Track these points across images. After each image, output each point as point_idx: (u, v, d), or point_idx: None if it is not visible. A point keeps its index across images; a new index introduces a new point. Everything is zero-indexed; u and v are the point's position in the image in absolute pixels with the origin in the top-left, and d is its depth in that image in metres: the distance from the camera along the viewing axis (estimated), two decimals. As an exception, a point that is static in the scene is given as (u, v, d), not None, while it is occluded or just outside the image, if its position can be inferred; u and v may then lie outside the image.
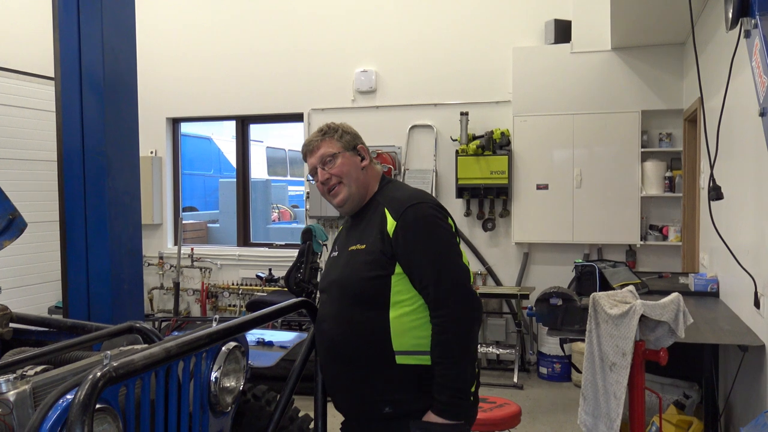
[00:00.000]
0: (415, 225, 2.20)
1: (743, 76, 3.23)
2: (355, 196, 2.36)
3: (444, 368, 2.14)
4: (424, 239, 2.19)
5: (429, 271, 2.16)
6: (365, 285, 2.21)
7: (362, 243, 2.27)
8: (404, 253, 2.18)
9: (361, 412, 2.30)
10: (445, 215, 2.29)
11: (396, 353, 2.18)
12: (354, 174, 2.35)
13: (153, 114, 7.93)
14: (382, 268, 2.19)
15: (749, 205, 3.73)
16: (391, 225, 2.21)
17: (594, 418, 3.25)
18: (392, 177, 4.26)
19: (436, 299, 2.15)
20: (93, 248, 3.64)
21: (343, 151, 2.35)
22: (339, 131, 2.38)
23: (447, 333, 2.13)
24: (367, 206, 2.38)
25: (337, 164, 2.33)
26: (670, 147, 6.60)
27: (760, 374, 3.41)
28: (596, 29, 6.48)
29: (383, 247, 2.20)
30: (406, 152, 7.40)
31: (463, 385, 2.16)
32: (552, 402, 5.82)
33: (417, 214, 2.22)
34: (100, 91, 3.67)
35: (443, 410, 2.13)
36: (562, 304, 3.55)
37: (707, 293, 4.66)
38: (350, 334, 2.23)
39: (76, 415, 1.44)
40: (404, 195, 2.32)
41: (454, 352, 2.13)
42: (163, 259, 8.24)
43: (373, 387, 2.23)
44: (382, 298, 2.19)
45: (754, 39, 2.25)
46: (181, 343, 1.88)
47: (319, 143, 2.36)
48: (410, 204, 2.24)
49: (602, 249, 6.82)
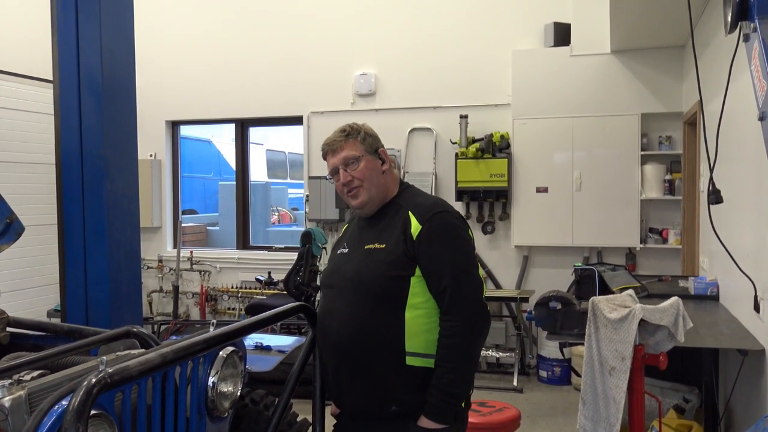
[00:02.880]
0: (439, 231, 2.25)
1: (743, 80, 3.22)
2: (375, 200, 2.39)
3: (443, 371, 2.17)
4: (447, 246, 2.25)
5: (448, 276, 2.20)
6: (387, 283, 2.24)
7: (381, 243, 2.29)
8: (426, 257, 2.23)
9: (367, 409, 2.31)
10: (467, 227, 2.36)
11: (407, 354, 2.21)
12: (375, 178, 2.38)
13: (152, 117, 7.93)
14: (403, 269, 2.23)
15: (749, 209, 3.72)
16: (415, 228, 2.25)
17: (593, 423, 3.24)
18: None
19: (450, 304, 2.20)
20: (91, 252, 3.63)
21: (366, 155, 2.38)
22: (362, 133, 2.41)
23: (454, 338, 2.18)
24: (386, 208, 2.40)
25: (360, 168, 2.36)
26: (669, 150, 6.60)
27: (760, 378, 3.40)
28: (596, 32, 6.48)
29: (406, 248, 2.24)
30: (405, 155, 7.39)
31: (457, 391, 2.20)
32: (552, 406, 5.80)
33: (443, 221, 2.28)
34: (98, 94, 3.66)
35: (431, 412, 2.17)
36: (561, 308, 3.54)
37: (707, 297, 4.65)
38: (363, 332, 2.25)
39: (71, 422, 1.43)
40: (429, 201, 2.39)
41: (457, 358, 2.17)
42: (162, 262, 8.23)
43: (382, 386, 2.25)
44: (400, 298, 2.23)
45: (753, 43, 2.24)
46: (177, 349, 1.86)
47: (342, 144, 2.38)
48: (437, 211, 2.30)
49: (602, 252, 6.81)
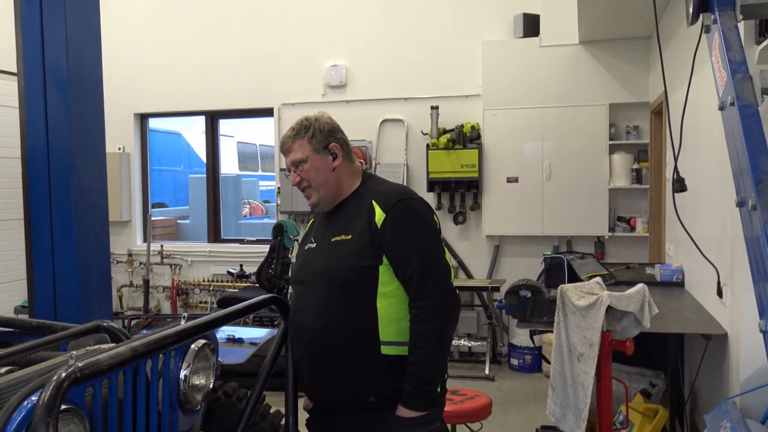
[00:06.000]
0: (403, 218, 2.25)
1: (706, 70, 3.28)
2: (326, 198, 2.37)
3: (416, 358, 2.19)
4: (412, 232, 2.24)
5: (414, 263, 2.20)
6: (356, 274, 2.23)
7: (347, 234, 2.28)
8: (391, 244, 2.22)
9: (345, 402, 2.31)
10: (431, 212, 2.35)
11: (382, 343, 2.22)
12: (322, 178, 2.35)
13: (120, 110, 7.81)
14: (371, 258, 2.23)
15: (712, 197, 3.80)
16: (379, 217, 2.25)
17: (563, 409, 3.30)
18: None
19: (418, 291, 2.20)
20: (59, 247, 3.59)
21: (313, 155, 2.33)
22: (311, 130, 2.35)
23: (424, 323, 2.18)
24: (349, 199, 2.39)
25: (306, 168, 2.34)
26: (637, 139, 6.70)
27: (723, 362, 3.49)
28: (564, 23, 6.54)
29: (371, 237, 2.23)
30: (377, 146, 7.40)
31: (432, 377, 2.20)
32: (523, 393, 5.88)
33: (406, 208, 2.27)
34: (64, 87, 3.62)
35: (408, 401, 2.18)
36: (531, 296, 3.59)
37: (673, 283, 4.75)
38: (337, 324, 2.24)
39: (41, 417, 1.42)
40: (392, 189, 2.37)
41: (428, 343, 2.18)
42: (132, 256, 8.15)
43: (359, 377, 2.25)
44: (371, 288, 2.23)
45: (714, 34, 2.29)
46: (147, 342, 1.86)
47: (290, 145, 2.36)
48: (400, 198, 2.29)
49: (572, 241, 6.91)
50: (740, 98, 2.07)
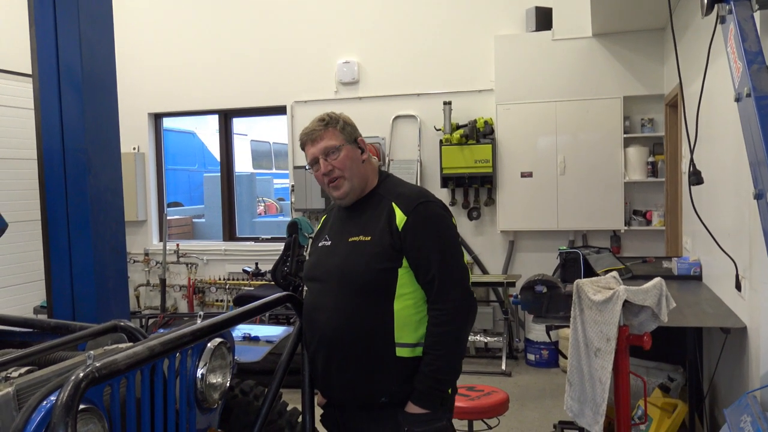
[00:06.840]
0: (425, 222, 2.25)
1: (721, 62, 3.25)
2: (356, 190, 2.37)
3: (431, 358, 2.19)
4: (433, 236, 2.25)
5: (435, 266, 2.21)
6: (374, 276, 2.23)
7: (366, 235, 2.28)
8: (412, 248, 2.23)
9: (357, 401, 2.32)
10: (450, 215, 2.36)
11: (397, 345, 2.23)
12: (356, 168, 2.35)
13: (134, 110, 7.88)
14: (390, 260, 2.23)
15: (729, 189, 3.76)
16: (400, 219, 2.25)
17: (580, 404, 3.28)
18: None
19: (439, 293, 2.20)
20: (76, 247, 3.61)
21: (346, 144, 2.34)
22: (340, 122, 2.36)
23: (444, 326, 2.19)
24: (367, 198, 2.39)
25: (341, 157, 2.32)
26: (652, 132, 6.64)
27: (742, 356, 3.46)
28: (577, 16, 6.50)
29: (392, 240, 2.23)
30: (390, 143, 7.39)
31: (445, 378, 2.22)
32: (540, 388, 5.86)
33: (428, 211, 2.27)
34: (78, 88, 3.63)
35: (418, 398, 2.19)
36: (546, 292, 3.57)
37: (690, 277, 4.70)
38: (353, 324, 2.25)
39: (60, 417, 1.44)
40: (412, 192, 2.37)
41: (445, 346, 2.19)
42: (148, 255, 8.20)
43: (372, 377, 2.25)
44: (389, 290, 2.23)
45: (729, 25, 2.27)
46: (164, 341, 1.87)
47: (322, 133, 2.33)
48: (420, 201, 2.29)
49: (587, 235, 6.87)
50: (756, 89, 2.05)
